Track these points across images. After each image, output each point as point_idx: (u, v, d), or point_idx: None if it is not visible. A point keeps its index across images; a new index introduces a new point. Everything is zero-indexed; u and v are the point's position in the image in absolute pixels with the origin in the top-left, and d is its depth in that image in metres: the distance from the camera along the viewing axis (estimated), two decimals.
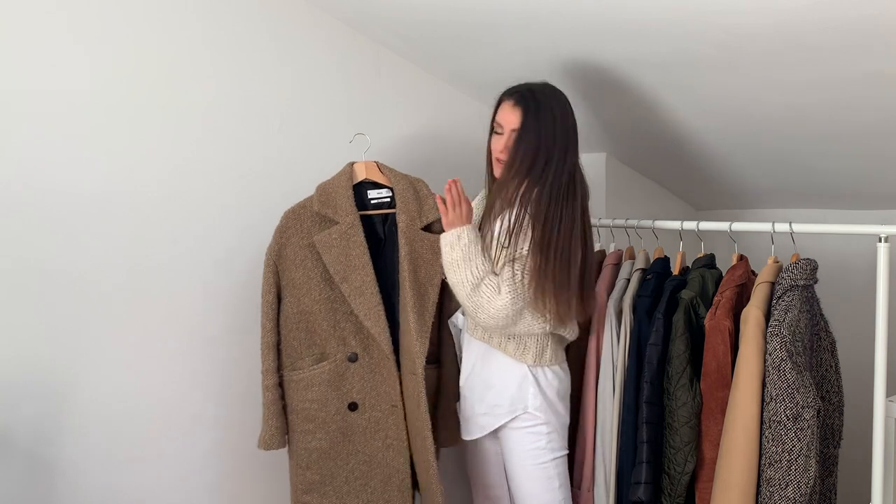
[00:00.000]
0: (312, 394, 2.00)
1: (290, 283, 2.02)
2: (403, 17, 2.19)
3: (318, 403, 2.00)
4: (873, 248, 1.85)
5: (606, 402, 2.15)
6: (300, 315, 2.02)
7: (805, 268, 1.91)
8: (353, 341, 2.01)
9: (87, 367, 1.95)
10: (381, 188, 2.09)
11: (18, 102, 1.83)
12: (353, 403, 2.01)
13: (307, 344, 2.03)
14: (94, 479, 1.96)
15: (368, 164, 2.10)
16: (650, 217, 2.36)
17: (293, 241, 2.02)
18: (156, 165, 2.03)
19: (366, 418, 2.01)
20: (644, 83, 2.23)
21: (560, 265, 1.91)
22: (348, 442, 2.02)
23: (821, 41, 1.76)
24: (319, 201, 2.03)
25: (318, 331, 2.02)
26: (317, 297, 2.01)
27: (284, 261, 2.02)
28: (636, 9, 1.82)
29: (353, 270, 1.98)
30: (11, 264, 1.83)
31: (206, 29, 2.10)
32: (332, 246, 1.99)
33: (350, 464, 2.02)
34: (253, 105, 2.19)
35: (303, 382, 2.01)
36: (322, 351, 2.03)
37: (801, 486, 1.80)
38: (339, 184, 2.05)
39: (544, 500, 2.02)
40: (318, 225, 2.03)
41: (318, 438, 2.01)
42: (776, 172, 2.70)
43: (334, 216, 2.01)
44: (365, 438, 2.02)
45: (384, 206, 2.09)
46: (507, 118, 1.97)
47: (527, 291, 1.91)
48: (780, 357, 1.82)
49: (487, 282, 1.93)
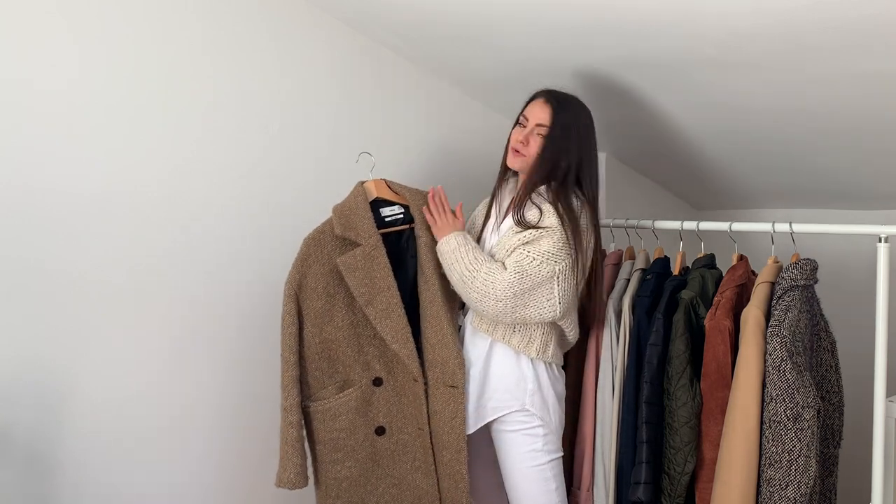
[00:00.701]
0: (340, 423, 1.99)
1: (311, 312, 1.98)
2: (404, 17, 2.19)
3: (347, 432, 1.99)
4: (873, 248, 1.85)
5: (606, 402, 2.14)
6: (322, 345, 1.99)
7: (805, 268, 1.91)
8: (378, 365, 2.01)
9: (87, 367, 1.95)
10: (392, 205, 2.09)
11: (18, 102, 1.83)
12: (380, 427, 2.01)
13: (329, 373, 2.01)
14: (93, 478, 1.96)
15: (378, 182, 2.09)
16: (650, 217, 2.36)
17: (314, 269, 1.98)
18: (156, 166, 2.03)
19: (393, 441, 2.01)
20: (644, 83, 2.23)
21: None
22: (377, 467, 2.02)
23: (821, 41, 1.76)
24: (340, 224, 1.99)
25: (341, 358, 2.00)
26: (339, 323, 1.99)
27: (305, 290, 1.98)
28: (636, 9, 1.82)
29: (379, 293, 1.96)
30: (11, 264, 1.83)
31: (206, 29, 2.10)
32: (356, 268, 1.96)
33: (380, 489, 2.02)
34: (253, 105, 2.19)
35: (330, 413, 1.99)
36: (345, 378, 2.01)
37: (801, 486, 1.80)
38: (357, 204, 2.02)
39: (541, 501, 2.02)
40: (339, 248, 2.00)
41: (348, 467, 2.00)
42: (776, 172, 2.70)
43: (356, 238, 1.99)
44: (393, 461, 2.02)
45: (398, 223, 2.08)
46: (535, 113, 2.01)
47: (568, 297, 1.94)
48: (781, 357, 1.82)
49: (487, 266, 1.94)
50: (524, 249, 1.93)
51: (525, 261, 1.91)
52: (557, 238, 1.92)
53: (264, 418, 2.21)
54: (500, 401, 2.02)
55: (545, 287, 1.91)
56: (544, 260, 1.91)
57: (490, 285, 1.91)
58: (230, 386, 2.18)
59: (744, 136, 2.45)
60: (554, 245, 1.92)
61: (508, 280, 1.90)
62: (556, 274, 1.91)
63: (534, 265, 1.91)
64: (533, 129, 2.00)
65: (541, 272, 1.90)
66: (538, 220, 1.95)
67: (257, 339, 2.19)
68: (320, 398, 2.00)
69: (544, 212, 1.95)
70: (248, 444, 2.21)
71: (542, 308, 1.93)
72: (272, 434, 2.18)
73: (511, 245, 1.96)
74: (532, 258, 1.91)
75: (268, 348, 2.21)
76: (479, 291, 1.93)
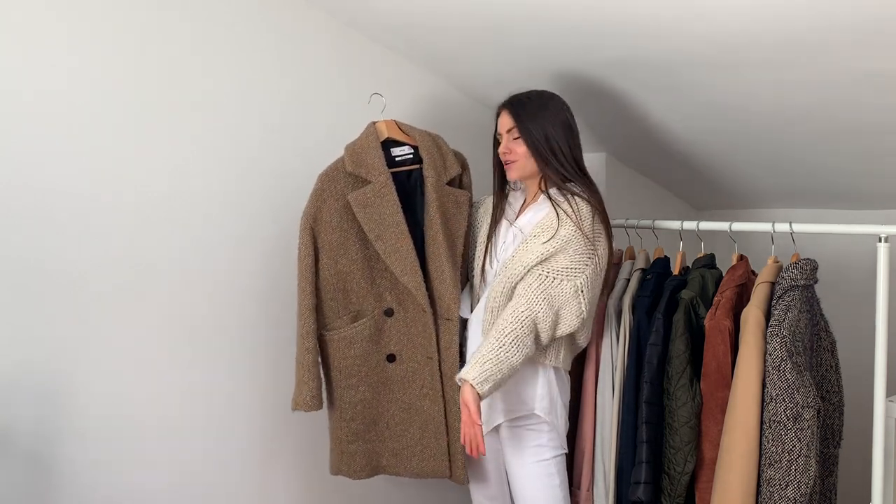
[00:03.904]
0: (355, 350, 2.07)
1: (326, 245, 2.06)
2: (404, 17, 2.19)
3: (360, 359, 2.08)
4: (873, 248, 1.85)
5: (606, 402, 2.15)
6: (337, 276, 2.07)
7: (805, 268, 1.91)
8: (389, 297, 2.09)
9: (88, 368, 1.95)
10: (402, 145, 2.14)
11: (18, 103, 1.83)
12: (391, 355, 2.10)
13: (344, 304, 2.09)
14: (94, 479, 1.96)
15: (388, 122, 2.15)
16: (650, 217, 2.36)
17: (329, 203, 2.05)
18: (156, 165, 2.03)
19: (403, 369, 2.10)
20: (644, 83, 2.23)
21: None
22: (388, 391, 2.12)
23: (821, 41, 1.76)
24: (351, 162, 2.06)
25: (355, 289, 2.08)
26: (354, 256, 2.07)
27: (320, 223, 2.05)
28: (636, 10, 1.82)
29: (387, 228, 2.03)
30: (11, 264, 1.83)
31: (206, 29, 2.10)
32: (366, 205, 2.03)
33: (390, 411, 2.12)
34: (253, 105, 2.19)
35: (345, 340, 2.07)
36: (359, 309, 2.10)
37: (801, 486, 1.80)
38: (368, 144, 2.09)
39: (545, 497, 2.02)
40: (351, 185, 2.07)
41: (361, 391, 2.09)
42: (776, 172, 2.70)
43: (367, 176, 2.05)
44: (403, 387, 2.11)
45: (407, 163, 2.13)
46: (502, 123, 2.05)
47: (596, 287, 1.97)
48: (780, 357, 1.82)
49: (508, 327, 1.87)
50: (541, 270, 1.92)
51: (545, 283, 1.91)
52: (573, 250, 1.92)
53: (265, 417, 2.22)
54: (510, 403, 2.02)
55: (573, 303, 1.93)
56: (565, 277, 1.91)
57: (527, 328, 1.88)
58: (230, 385, 2.18)
59: (744, 137, 2.45)
60: (571, 259, 1.92)
61: (539, 313, 1.89)
62: (579, 288, 1.92)
63: (555, 285, 1.91)
64: (507, 137, 2.03)
65: (564, 291, 1.91)
66: (553, 222, 1.95)
67: (258, 337, 2.19)
68: (336, 327, 2.08)
69: (561, 219, 1.95)
70: (249, 444, 2.21)
71: (571, 322, 1.95)
72: (273, 434, 2.19)
73: (526, 263, 1.94)
74: (552, 278, 1.91)
75: (269, 347, 2.21)
76: (526, 345, 1.87)
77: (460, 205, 2.12)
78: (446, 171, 2.12)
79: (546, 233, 1.95)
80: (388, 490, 2.46)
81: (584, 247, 1.93)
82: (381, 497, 2.45)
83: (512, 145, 2.02)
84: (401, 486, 2.47)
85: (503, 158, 2.05)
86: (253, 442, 2.22)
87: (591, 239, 1.94)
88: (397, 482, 2.42)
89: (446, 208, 2.09)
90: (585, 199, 1.97)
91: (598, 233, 1.97)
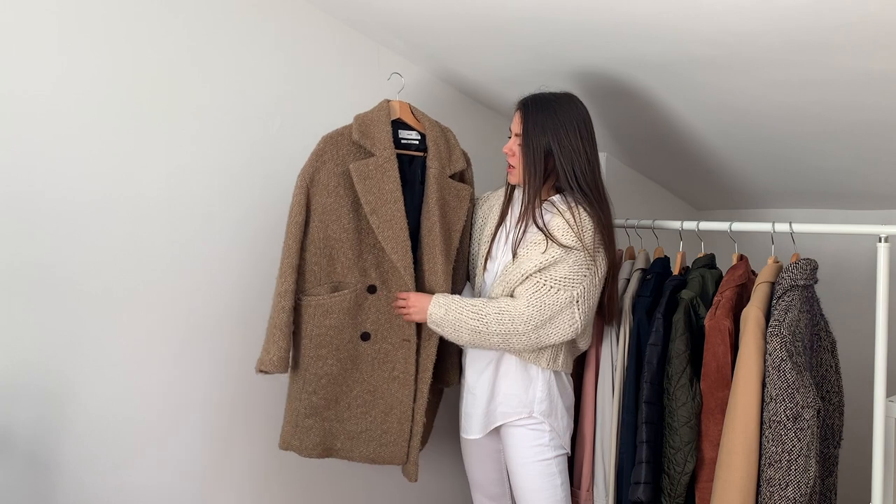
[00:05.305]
0: (330, 320, 2.02)
1: (319, 208, 2.02)
2: (404, 17, 2.19)
3: (335, 330, 2.03)
4: (873, 248, 1.86)
5: (606, 402, 2.15)
6: (325, 241, 2.04)
7: (805, 268, 1.91)
8: (374, 273, 2.06)
9: (87, 368, 1.95)
10: (410, 130, 2.13)
11: (18, 104, 1.83)
12: (365, 333, 2.06)
13: (327, 272, 2.05)
14: (93, 478, 1.96)
15: (403, 104, 2.14)
16: (650, 217, 2.36)
17: (328, 166, 2.03)
18: (156, 166, 2.03)
19: (375, 349, 2.06)
20: (644, 83, 2.23)
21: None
22: (356, 370, 2.06)
23: (821, 41, 1.76)
24: (359, 131, 2.05)
25: (340, 259, 2.04)
26: (346, 225, 2.03)
27: (317, 185, 2.02)
28: (636, 9, 1.82)
29: (385, 203, 2.01)
30: (11, 264, 1.83)
31: (206, 30, 2.10)
32: (367, 177, 2.01)
33: (354, 391, 2.07)
34: (253, 106, 2.19)
35: (322, 308, 2.02)
36: (341, 280, 2.05)
37: (801, 486, 1.80)
38: (379, 118, 2.08)
39: (546, 496, 2.02)
40: (353, 154, 2.05)
41: (330, 364, 2.03)
42: (776, 172, 2.70)
43: (371, 148, 2.03)
44: (371, 369, 2.06)
45: (412, 149, 2.12)
46: (514, 124, 2.03)
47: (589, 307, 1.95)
48: (780, 357, 1.82)
49: (491, 305, 1.92)
50: (539, 278, 1.92)
51: (541, 291, 1.91)
52: (573, 261, 1.91)
53: (265, 418, 2.21)
54: (508, 406, 2.03)
55: (566, 313, 1.92)
56: (562, 287, 1.90)
57: (508, 323, 1.90)
58: (229, 386, 2.18)
59: (744, 137, 2.45)
60: (570, 269, 1.91)
61: (528, 314, 1.90)
62: (575, 298, 1.91)
63: (551, 294, 1.90)
64: (514, 140, 2.02)
65: (559, 300, 1.90)
66: (553, 230, 1.93)
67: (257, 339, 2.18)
68: (314, 294, 2.03)
69: (560, 229, 1.93)
70: (248, 445, 2.20)
71: (564, 332, 1.94)
72: (273, 434, 2.18)
73: (525, 271, 1.93)
74: (549, 287, 1.91)
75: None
76: (500, 333, 1.91)
77: (461, 199, 2.11)
78: (451, 163, 2.11)
79: (545, 241, 1.93)
80: (388, 490, 2.46)
81: (584, 258, 1.92)
82: (382, 497, 2.45)
83: (516, 149, 2.02)
84: (401, 486, 2.47)
85: (507, 158, 2.05)
86: (253, 442, 2.22)
87: (590, 251, 1.92)
88: (397, 482, 2.42)
89: (446, 201, 2.08)
90: (588, 213, 1.94)
91: (598, 245, 1.95)
